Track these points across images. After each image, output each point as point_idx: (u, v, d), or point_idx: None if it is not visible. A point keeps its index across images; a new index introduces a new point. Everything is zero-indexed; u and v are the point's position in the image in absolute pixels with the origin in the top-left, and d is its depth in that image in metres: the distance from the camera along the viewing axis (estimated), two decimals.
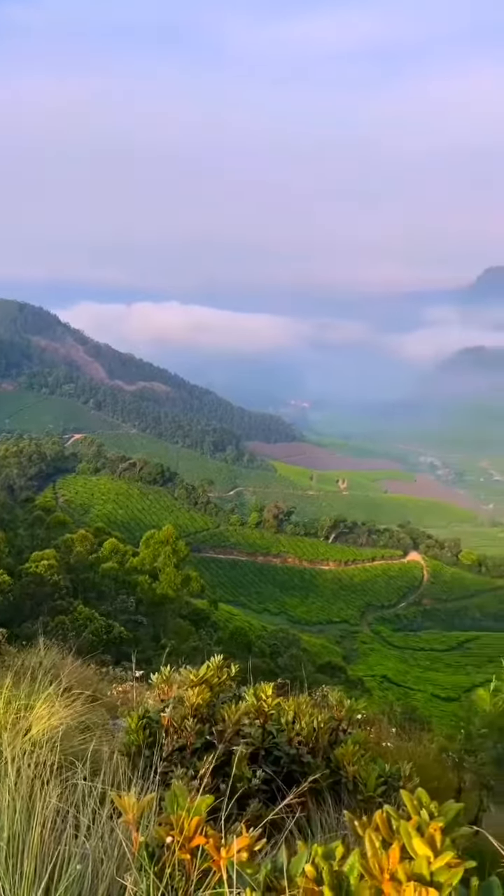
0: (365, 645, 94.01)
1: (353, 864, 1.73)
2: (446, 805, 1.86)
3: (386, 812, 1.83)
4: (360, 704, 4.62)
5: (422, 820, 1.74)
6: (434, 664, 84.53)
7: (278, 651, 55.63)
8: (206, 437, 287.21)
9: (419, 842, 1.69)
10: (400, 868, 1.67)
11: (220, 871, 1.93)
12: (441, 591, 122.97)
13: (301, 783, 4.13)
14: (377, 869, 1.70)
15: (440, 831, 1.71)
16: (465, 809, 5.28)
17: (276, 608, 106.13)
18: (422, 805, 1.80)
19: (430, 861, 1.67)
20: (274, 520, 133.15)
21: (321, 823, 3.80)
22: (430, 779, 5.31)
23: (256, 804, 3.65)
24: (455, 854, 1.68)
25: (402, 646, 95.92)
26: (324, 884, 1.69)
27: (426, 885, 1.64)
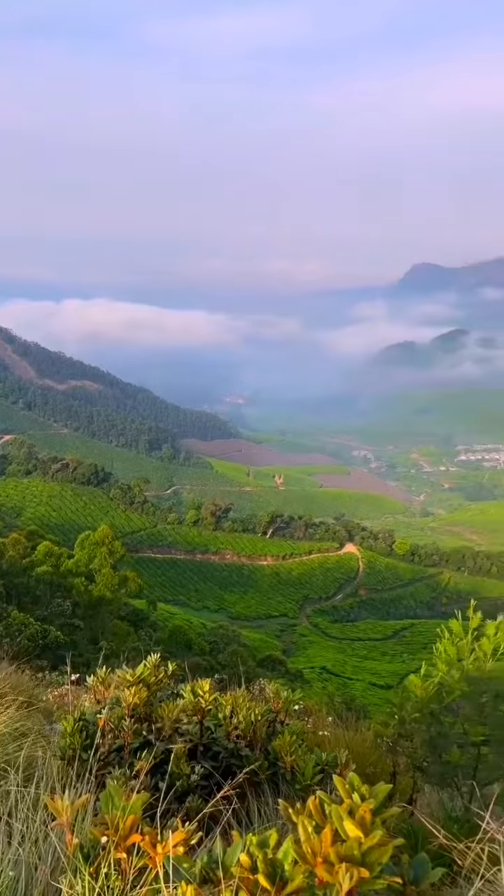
0: (304, 637, 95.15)
1: (287, 850, 1.78)
2: (377, 787, 1.91)
3: (318, 797, 1.88)
4: (296, 696, 4.69)
5: (353, 803, 1.79)
6: (371, 653, 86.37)
7: (219, 648, 55.69)
8: (141, 436, 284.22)
9: (350, 824, 1.75)
10: (332, 851, 1.72)
11: (157, 868, 1.95)
12: (376, 582, 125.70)
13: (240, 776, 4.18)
14: (310, 853, 1.75)
15: (370, 812, 1.76)
16: (399, 791, 5.46)
17: (216, 605, 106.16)
18: (353, 788, 1.85)
19: (360, 842, 1.73)
20: (212, 517, 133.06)
21: (261, 814, 3.84)
22: (366, 765, 5.45)
23: (196, 799, 3.66)
24: (384, 833, 1.73)
25: (340, 636, 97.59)
26: (259, 871, 1.72)
27: (357, 865, 1.70)
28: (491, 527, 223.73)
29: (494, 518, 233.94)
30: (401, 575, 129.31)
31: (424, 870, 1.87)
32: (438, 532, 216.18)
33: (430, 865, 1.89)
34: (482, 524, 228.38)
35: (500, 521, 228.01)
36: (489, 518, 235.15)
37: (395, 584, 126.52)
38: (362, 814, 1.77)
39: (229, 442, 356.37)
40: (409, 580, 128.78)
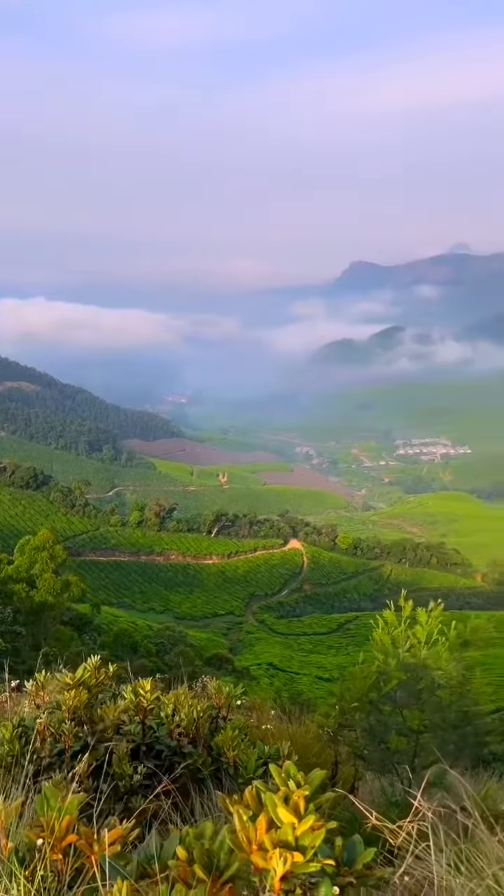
0: (250, 635, 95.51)
1: (224, 840, 1.82)
2: (312, 774, 1.99)
3: (255, 787, 1.95)
4: (237, 690, 4.75)
5: (289, 790, 1.86)
6: (317, 647, 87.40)
7: (165, 649, 55.37)
8: (81, 438, 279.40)
9: (283, 810, 1.82)
10: (267, 837, 1.79)
11: (93, 867, 1.96)
12: (321, 576, 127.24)
13: (182, 774, 4.21)
14: (245, 841, 1.80)
15: (304, 799, 1.84)
16: (342, 780, 5.60)
17: (161, 606, 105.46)
18: (289, 776, 1.93)
19: (294, 827, 1.80)
20: (156, 518, 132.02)
21: (205, 809, 3.88)
22: (309, 756, 5.56)
23: (139, 799, 3.68)
24: (317, 818, 1.81)
25: (286, 632, 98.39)
26: (195, 863, 1.76)
27: (291, 850, 1.77)
28: (430, 519, 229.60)
29: (433, 510, 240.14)
30: (344, 569, 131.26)
31: (357, 851, 1.92)
32: (380, 525, 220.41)
33: (363, 847, 1.95)
34: (421, 517, 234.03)
35: (439, 514, 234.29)
36: (428, 510, 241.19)
37: (339, 578, 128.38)
38: (296, 800, 1.83)
39: (172, 441, 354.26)
40: (353, 573, 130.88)
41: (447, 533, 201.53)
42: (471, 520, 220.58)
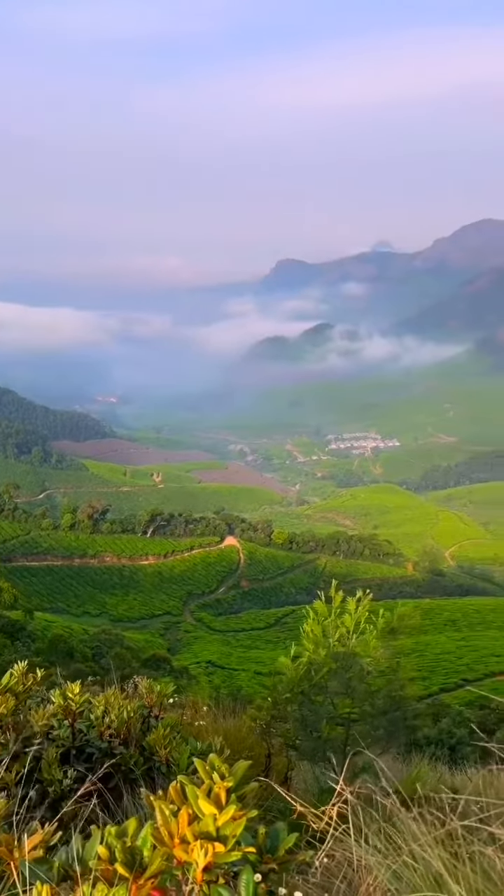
0: (188, 633, 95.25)
1: (146, 837, 1.83)
2: (236, 765, 2.01)
3: (180, 781, 1.96)
4: (169, 689, 4.74)
5: (213, 783, 1.88)
6: (255, 642, 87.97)
7: (101, 653, 54.57)
8: (9, 440, 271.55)
9: (204, 802, 1.84)
10: (188, 830, 1.81)
11: (14, 872, 1.95)
12: (257, 572, 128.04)
13: (115, 775, 4.18)
14: (167, 836, 1.82)
15: (225, 790, 1.86)
16: (275, 770, 5.66)
17: (97, 609, 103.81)
18: (213, 769, 1.94)
19: (216, 818, 1.82)
20: (89, 520, 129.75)
21: (137, 809, 3.87)
22: (242, 749, 5.60)
23: (69, 804, 3.62)
24: (238, 807, 1.83)
25: (224, 629, 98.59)
26: (117, 861, 1.76)
27: (213, 841, 1.79)
28: (362, 511, 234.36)
29: (364, 503, 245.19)
30: (280, 563, 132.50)
31: (280, 838, 1.95)
32: (314, 519, 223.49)
33: (286, 833, 1.98)
34: (353, 509, 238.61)
35: (370, 506, 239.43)
36: (360, 503, 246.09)
37: (276, 573, 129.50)
38: (217, 791, 1.85)
39: (104, 442, 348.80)
40: (289, 568, 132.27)
41: (379, 524, 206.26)
42: (401, 511, 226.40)
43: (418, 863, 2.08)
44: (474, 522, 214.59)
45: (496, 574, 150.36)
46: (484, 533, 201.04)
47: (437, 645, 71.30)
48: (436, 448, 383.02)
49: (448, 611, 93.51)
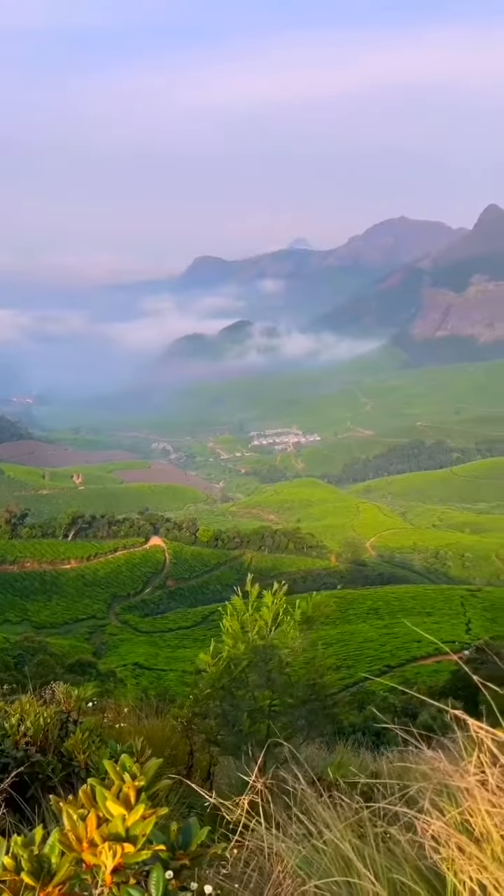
0: (114, 636, 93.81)
1: (54, 843, 1.80)
2: (148, 764, 2.02)
3: (90, 784, 1.94)
4: (88, 692, 4.68)
5: (125, 783, 1.87)
6: (183, 642, 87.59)
7: (24, 661, 53.00)
8: None
9: (112, 803, 1.82)
10: (97, 833, 1.78)
11: None
12: (183, 571, 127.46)
13: (33, 784, 4.09)
14: (76, 840, 1.80)
15: (134, 789, 1.85)
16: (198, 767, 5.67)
17: (18, 616, 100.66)
18: (125, 769, 1.93)
19: (125, 818, 1.80)
20: (6, 525, 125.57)
21: (54, 816, 3.80)
22: (165, 749, 5.60)
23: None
24: (147, 806, 1.83)
25: (151, 630, 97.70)
26: (23, 870, 1.72)
27: (122, 842, 1.77)
28: (285, 505, 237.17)
29: (287, 497, 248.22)
30: (206, 561, 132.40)
31: (193, 832, 1.95)
32: (239, 516, 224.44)
33: (198, 827, 1.98)
34: (277, 504, 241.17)
35: (293, 500, 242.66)
36: (283, 498, 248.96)
37: (202, 571, 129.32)
38: (126, 791, 1.84)
39: (20, 444, 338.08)
40: (215, 565, 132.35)
41: (302, 518, 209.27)
42: (323, 504, 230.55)
43: (328, 847, 2.13)
44: (393, 513, 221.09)
45: (415, 562, 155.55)
46: (402, 522, 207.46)
47: (361, 633, 73.13)
48: (355, 442, 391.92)
49: (370, 600, 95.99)
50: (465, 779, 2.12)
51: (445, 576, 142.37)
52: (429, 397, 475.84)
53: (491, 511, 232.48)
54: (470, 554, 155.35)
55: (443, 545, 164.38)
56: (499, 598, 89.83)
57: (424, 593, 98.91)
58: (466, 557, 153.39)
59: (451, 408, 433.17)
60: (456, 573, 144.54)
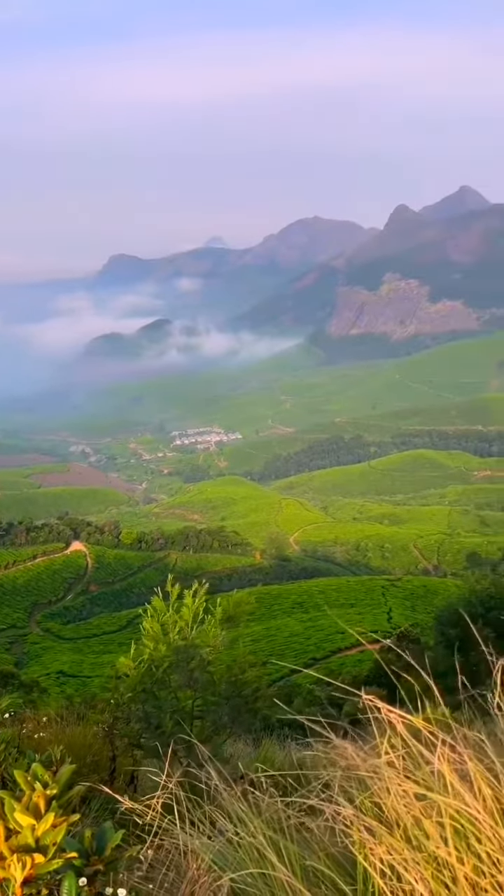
0: (36, 645, 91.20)
1: None
2: (60, 771, 2.00)
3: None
4: (3, 703, 4.55)
5: (35, 792, 1.86)
6: (108, 647, 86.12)
7: None
8: None
9: (20, 814, 1.80)
10: (5, 846, 1.75)
11: None
12: (106, 575, 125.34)
13: None
14: None
15: (44, 799, 1.83)
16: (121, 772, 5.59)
17: None
18: (36, 778, 1.92)
19: (34, 828, 1.78)
20: None
21: None
22: (87, 755, 5.50)
23: None
24: (57, 814, 1.81)
25: (75, 636, 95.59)
26: None
27: (32, 852, 1.75)
28: (209, 505, 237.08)
29: (211, 497, 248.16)
30: (130, 564, 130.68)
31: (107, 837, 1.94)
32: (162, 517, 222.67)
33: (112, 831, 1.97)
34: (201, 504, 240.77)
35: (217, 499, 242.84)
36: (207, 497, 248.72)
37: (126, 574, 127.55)
38: (35, 801, 1.82)
39: None
40: (139, 568, 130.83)
41: (226, 516, 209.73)
42: (246, 501, 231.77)
43: (243, 841, 2.15)
44: (315, 507, 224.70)
45: (337, 554, 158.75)
46: (324, 517, 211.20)
47: (286, 628, 74.03)
48: (276, 439, 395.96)
49: (295, 594, 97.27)
50: (374, 762, 2.17)
51: (366, 567, 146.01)
52: (346, 394, 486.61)
53: (407, 502, 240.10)
54: (389, 545, 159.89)
55: (363, 537, 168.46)
56: (417, 587, 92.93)
57: (347, 585, 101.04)
58: (386, 548, 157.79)
59: (367, 403, 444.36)
60: (376, 564, 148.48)
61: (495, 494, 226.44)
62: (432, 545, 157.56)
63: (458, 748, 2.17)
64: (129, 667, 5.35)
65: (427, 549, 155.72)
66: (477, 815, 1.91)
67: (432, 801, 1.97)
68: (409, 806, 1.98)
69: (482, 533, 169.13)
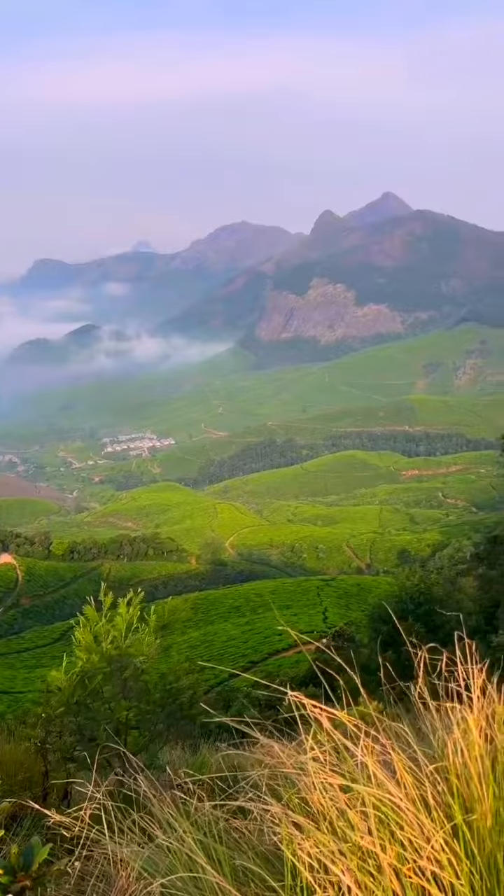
0: None
1: None
2: None
3: None
4: None
5: None
6: (41, 661, 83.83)
7: None
8: None
9: None
10: None
11: None
12: (38, 587, 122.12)
13: None
14: None
15: None
16: (55, 787, 5.47)
17: None
18: None
19: None
20: None
21: None
22: (18, 772, 5.36)
23: None
24: None
25: (6, 651, 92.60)
26: None
27: None
28: (143, 511, 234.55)
29: (145, 503, 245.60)
30: (62, 575, 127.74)
31: (34, 852, 1.94)
32: (95, 525, 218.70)
33: (39, 846, 1.97)
34: (135, 511, 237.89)
35: (151, 505, 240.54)
36: (141, 504, 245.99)
37: (58, 586, 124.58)
38: None
39: None
40: (72, 578, 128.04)
41: (161, 523, 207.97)
42: (181, 507, 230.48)
43: (172, 846, 2.15)
44: (249, 511, 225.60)
45: (272, 557, 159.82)
46: (259, 520, 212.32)
47: (224, 633, 73.89)
48: (209, 443, 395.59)
49: (231, 598, 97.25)
50: (299, 759, 2.20)
51: (302, 568, 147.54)
52: (277, 397, 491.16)
53: (340, 503, 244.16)
54: (323, 545, 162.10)
55: (298, 539, 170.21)
56: (351, 586, 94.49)
57: (283, 587, 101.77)
58: (320, 549, 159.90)
59: (299, 406, 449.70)
60: (311, 565, 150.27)
61: (423, 493, 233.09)
62: (364, 544, 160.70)
63: (382, 739, 2.21)
64: (60, 680, 5.25)
65: (360, 549, 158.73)
66: (399, 802, 1.97)
67: (357, 792, 2.02)
68: (334, 799, 2.02)
69: (412, 531, 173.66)
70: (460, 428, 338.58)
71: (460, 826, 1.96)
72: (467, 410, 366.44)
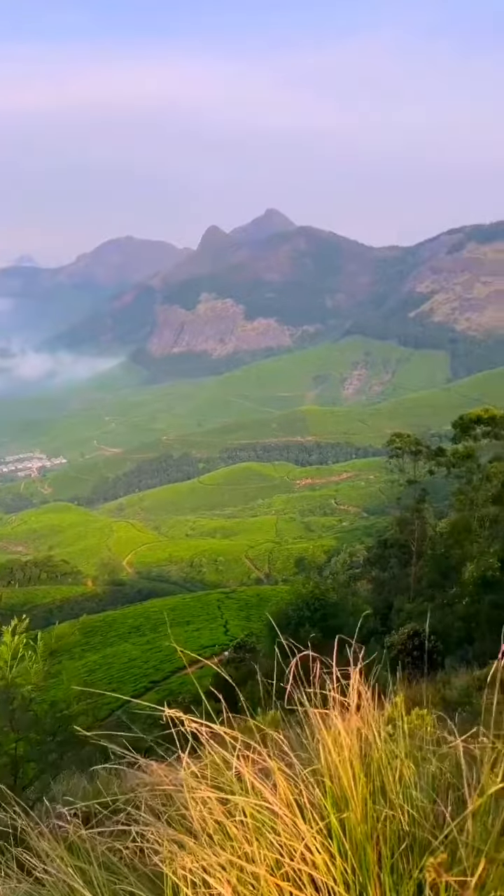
0: None
1: None
2: None
3: None
4: None
5: None
6: None
7: None
8: None
9: None
10: None
11: None
12: None
13: None
14: None
15: None
16: None
17: None
18: None
19: None
20: None
21: None
22: None
23: None
24: None
25: None
26: None
27: None
28: (35, 534, 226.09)
29: (36, 526, 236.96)
30: None
31: None
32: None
33: None
34: (25, 534, 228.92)
35: (43, 528, 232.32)
36: (32, 527, 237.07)
37: None
38: None
39: None
40: None
41: (54, 545, 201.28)
42: (75, 528, 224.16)
43: (50, 877, 2.12)
44: (147, 528, 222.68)
45: (172, 573, 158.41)
46: (156, 536, 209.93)
47: (124, 654, 72.31)
48: (103, 461, 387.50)
49: (131, 618, 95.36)
50: (178, 776, 2.20)
51: (201, 582, 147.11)
52: (171, 412, 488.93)
53: (237, 515, 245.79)
54: (222, 558, 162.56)
55: (197, 553, 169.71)
56: (251, 597, 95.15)
57: (183, 602, 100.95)
58: (219, 562, 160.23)
59: (193, 420, 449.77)
60: (211, 578, 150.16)
61: (317, 501, 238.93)
62: (263, 554, 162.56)
63: (258, 748, 2.23)
64: None
65: (258, 559, 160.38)
66: (275, 808, 2.00)
67: (235, 802, 2.04)
68: (212, 811, 2.03)
69: (308, 538, 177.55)
70: (349, 437, 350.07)
71: (334, 826, 1.99)
72: (354, 419, 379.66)
